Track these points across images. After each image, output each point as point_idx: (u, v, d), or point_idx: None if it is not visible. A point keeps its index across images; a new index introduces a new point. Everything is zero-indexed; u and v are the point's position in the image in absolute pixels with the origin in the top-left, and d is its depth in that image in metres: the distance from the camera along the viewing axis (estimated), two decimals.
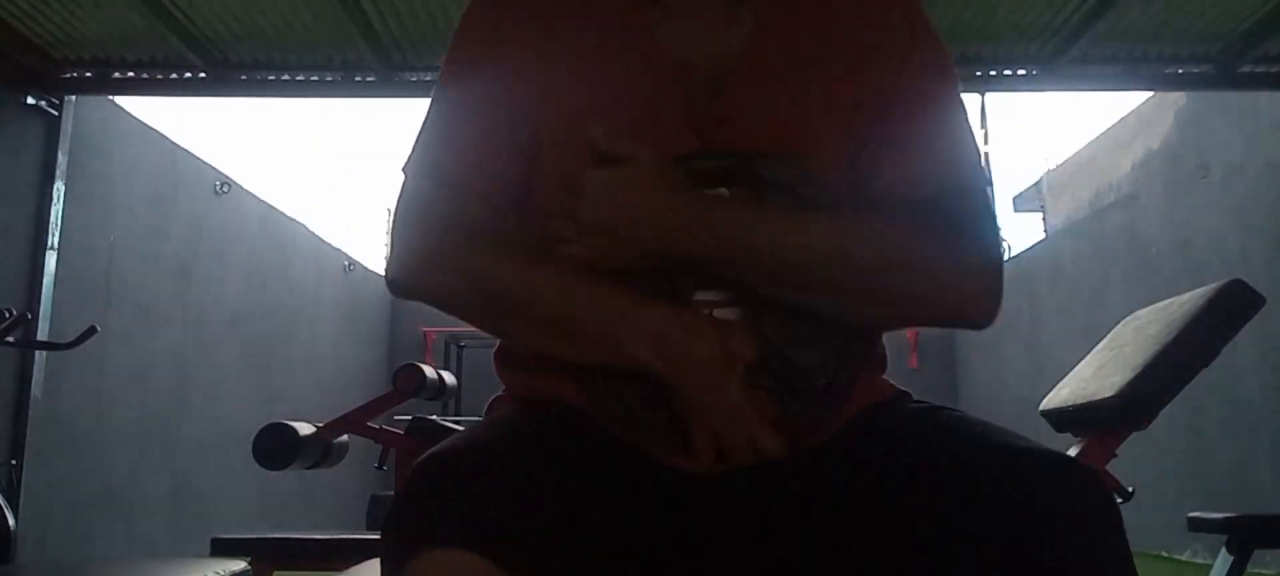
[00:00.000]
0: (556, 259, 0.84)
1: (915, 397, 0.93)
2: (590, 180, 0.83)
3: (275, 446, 2.81)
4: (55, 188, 4.54)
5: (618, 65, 0.93)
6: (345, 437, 3.06)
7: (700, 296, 0.86)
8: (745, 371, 0.79)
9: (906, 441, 0.82)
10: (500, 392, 0.99)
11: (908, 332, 9.84)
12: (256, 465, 2.82)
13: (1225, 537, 2.79)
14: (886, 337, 0.99)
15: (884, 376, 0.96)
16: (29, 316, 3.84)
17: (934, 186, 0.88)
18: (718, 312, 0.85)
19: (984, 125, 8.71)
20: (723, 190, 0.86)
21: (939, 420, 0.84)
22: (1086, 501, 0.71)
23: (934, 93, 0.92)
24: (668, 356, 0.79)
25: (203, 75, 4.56)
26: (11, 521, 2.54)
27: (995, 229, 0.90)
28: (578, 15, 0.95)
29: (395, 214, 0.92)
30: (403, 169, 0.93)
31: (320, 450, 2.97)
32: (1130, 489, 2.05)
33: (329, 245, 8.39)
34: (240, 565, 1.81)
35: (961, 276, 0.85)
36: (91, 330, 3.05)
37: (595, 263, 0.83)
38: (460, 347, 9.24)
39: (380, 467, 3.11)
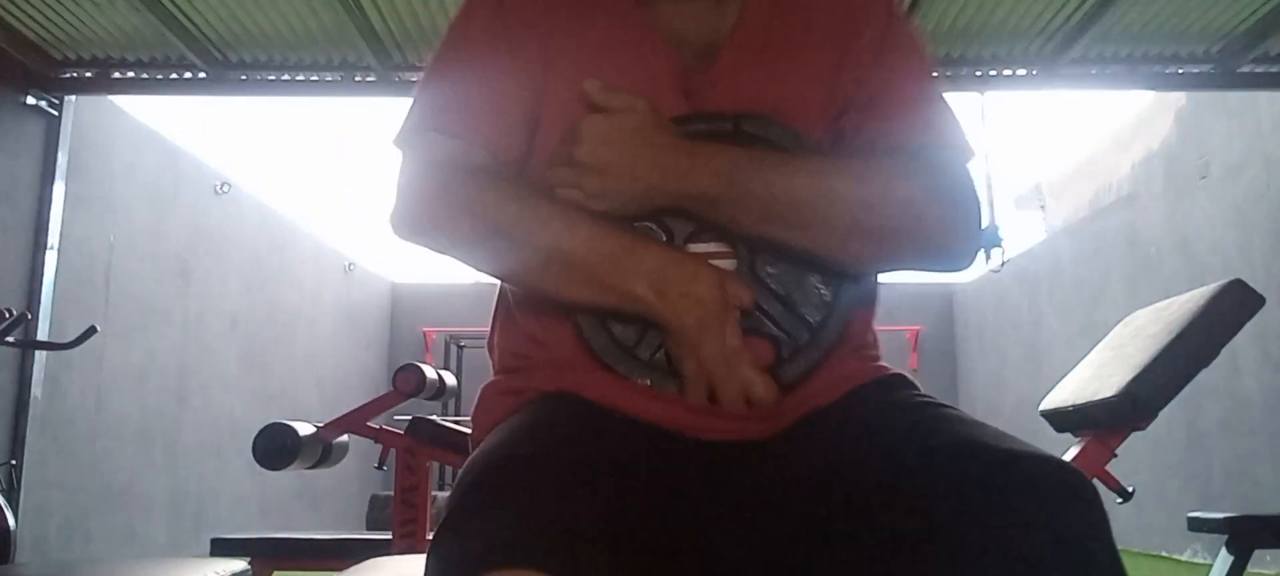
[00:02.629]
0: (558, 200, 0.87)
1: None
2: (587, 123, 0.86)
3: (275, 446, 2.81)
4: (55, 188, 4.54)
5: (614, 40, 0.97)
6: (345, 437, 3.06)
7: (695, 247, 0.88)
8: (741, 317, 0.81)
9: (904, 426, 0.83)
10: (493, 379, 0.99)
11: (907, 332, 9.85)
12: (256, 465, 2.82)
13: (1225, 537, 2.79)
14: (887, 340, 0.99)
15: (881, 361, 0.97)
16: (29, 316, 3.84)
17: (915, 138, 0.92)
18: (714, 262, 0.86)
19: (984, 125, 8.69)
20: None
21: (939, 412, 0.84)
22: (1075, 508, 0.70)
23: (911, 65, 0.97)
24: (667, 295, 0.81)
25: (203, 75, 4.56)
26: (11, 521, 2.55)
27: (971, 179, 0.92)
28: (576, 4, 0.99)
29: (400, 168, 0.93)
30: (397, 140, 0.94)
31: (320, 450, 2.97)
32: (1130, 489, 2.06)
33: (329, 245, 8.40)
34: (240, 565, 1.80)
35: (942, 214, 0.88)
36: (91, 330, 3.05)
37: (591, 205, 0.86)
38: (460, 348, 9.24)
39: (380, 467, 3.11)
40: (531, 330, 0.95)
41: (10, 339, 2.87)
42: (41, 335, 4.35)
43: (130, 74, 4.61)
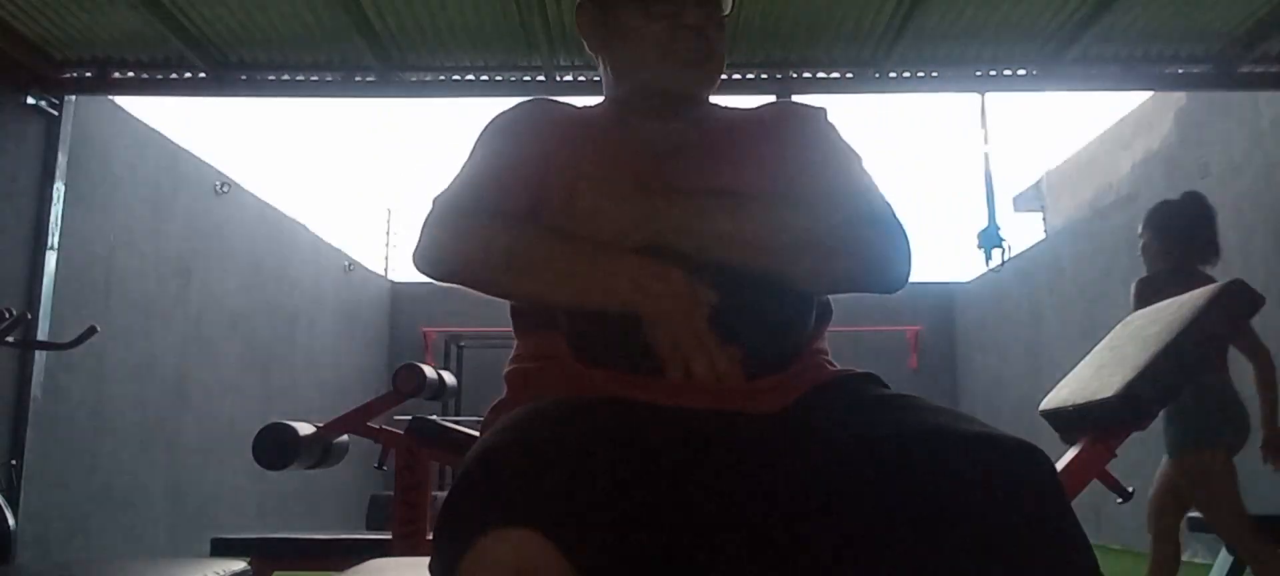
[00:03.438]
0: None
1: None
2: (585, 183, 1.05)
3: (275, 446, 2.81)
4: (55, 188, 4.54)
5: (602, 141, 1.23)
6: (345, 437, 3.06)
7: None
8: (709, 312, 0.96)
9: (877, 412, 0.99)
10: (501, 398, 1.15)
11: (908, 332, 9.84)
12: (256, 465, 2.82)
13: None
14: (887, 340, 1.08)
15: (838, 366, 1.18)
16: (29, 316, 3.84)
17: (848, 187, 1.15)
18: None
19: (984, 125, 8.69)
20: None
21: (909, 401, 0.99)
22: (1031, 475, 0.84)
23: (842, 149, 1.21)
24: (647, 291, 0.96)
25: (203, 75, 4.56)
26: (11, 521, 2.54)
27: (898, 219, 1.10)
28: (573, 120, 1.27)
29: (426, 215, 1.13)
30: (434, 198, 1.15)
31: (320, 450, 2.97)
32: (1130, 489, 2.05)
33: (329, 245, 8.39)
34: (240, 565, 1.80)
35: (874, 237, 1.07)
36: (91, 330, 3.05)
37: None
38: (460, 347, 9.22)
39: (380, 467, 3.11)
40: (530, 346, 1.15)
41: (10, 339, 2.87)
42: (41, 335, 4.35)
43: (130, 74, 4.61)
